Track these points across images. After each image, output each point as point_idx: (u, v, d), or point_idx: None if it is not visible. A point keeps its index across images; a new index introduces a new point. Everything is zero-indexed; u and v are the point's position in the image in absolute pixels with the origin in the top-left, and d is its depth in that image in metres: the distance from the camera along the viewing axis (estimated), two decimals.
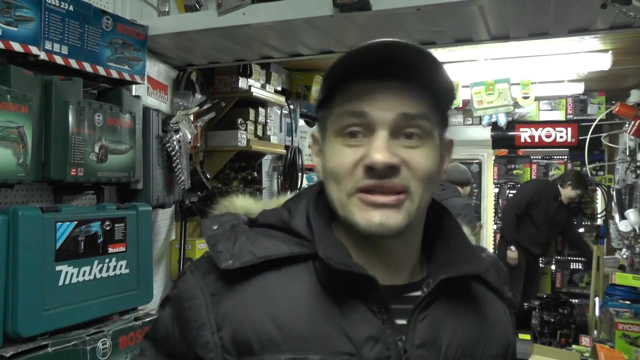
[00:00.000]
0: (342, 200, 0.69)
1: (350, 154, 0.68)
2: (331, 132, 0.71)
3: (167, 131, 2.32)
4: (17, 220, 1.50)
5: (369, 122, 0.67)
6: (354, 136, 0.68)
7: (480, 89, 3.83)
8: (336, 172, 0.69)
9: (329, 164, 0.70)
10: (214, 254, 0.69)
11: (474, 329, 0.74)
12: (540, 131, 4.90)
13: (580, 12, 1.90)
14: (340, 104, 0.70)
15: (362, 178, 0.67)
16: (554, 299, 3.75)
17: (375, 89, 0.68)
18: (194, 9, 2.15)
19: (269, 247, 0.70)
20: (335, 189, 0.70)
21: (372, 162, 0.65)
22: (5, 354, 1.43)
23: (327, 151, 0.71)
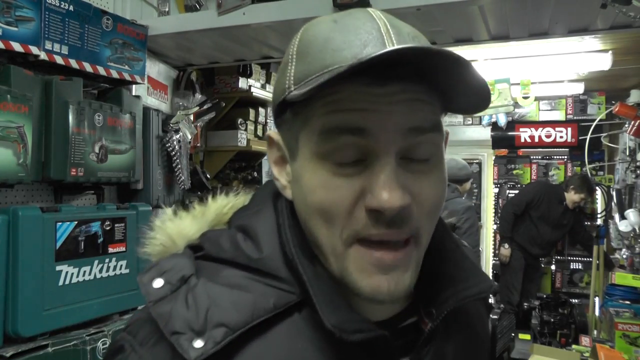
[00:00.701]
0: (336, 250, 0.52)
1: (345, 188, 0.50)
2: (309, 152, 0.52)
3: (167, 131, 2.32)
4: (17, 220, 1.50)
5: (370, 143, 0.49)
6: (346, 161, 0.50)
7: None
8: (327, 211, 0.50)
9: (314, 197, 0.51)
10: (172, 339, 0.49)
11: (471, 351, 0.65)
12: (540, 131, 4.89)
13: (580, 12, 1.90)
14: (323, 115, 0.50)
15: (366, 225, 0.50)
16: (554, 299, 3.75)
17: (375, 96, 0.49)
18: (194, 9, 2.16)
19: (242, 308, 0.51)
20: (325, 232, 0.51)
21: (382, 206, 0.48)
22: (5, 354, 1.43)
23: (306, 177, 0.52)
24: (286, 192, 0.57)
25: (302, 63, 0.52)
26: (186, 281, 0.53)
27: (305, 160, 0.52)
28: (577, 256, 4.99)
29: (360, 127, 0.49)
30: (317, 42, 0.52)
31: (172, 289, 0.52)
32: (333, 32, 0.52)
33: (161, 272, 0.54)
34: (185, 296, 0.51)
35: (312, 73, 0.50)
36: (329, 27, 0.52)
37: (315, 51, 0.51)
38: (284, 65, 0.55)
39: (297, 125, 0.53)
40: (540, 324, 3.47)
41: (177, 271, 0.54)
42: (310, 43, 0.53)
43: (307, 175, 0.52)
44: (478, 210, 5.89)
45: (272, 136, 0.59)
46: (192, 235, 0.60)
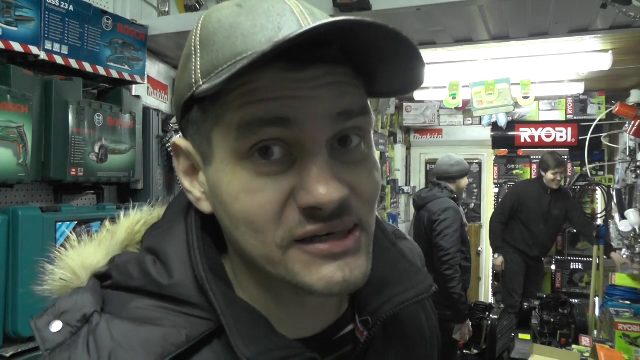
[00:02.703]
0: (272, 257, 0.46)
1: (272, 189, 0.44)
2: (225, 152, 0.46)
3: (167, 131, 2.33)
4: (17, 220, 1.50)
5: (296, 134, 0.44)
6: (270, 156, 0.44)
7: (480, 89, 3.83)
8: (253, 219, 0.45)
9: (237, 205, 0.45)
10: None
11: (415, 353, 0.61)
12: (540, 131, 4.89)
13: (580, 12, 1.90)
14: (239, 108, 0.44)
15: (300, 224, 0.44)
16: (554, 299, 3.75)
17: (296, 82, 0.43)
18: (194, 9, 2.16)
19: (151, 346, 0.45)
20: (253, 241, 0.46)
21: (318, 202, 0.43)
22: (5, 354, 1.43)
23: (225, 183, 0.46)
24: (201, 204, 0.51)
25: (208, 53, 0.45)
26: (88, 320, 0.46)
27: (221, 164, 0.46)
28: (577, 256, 4.99)
29: (283, 116, 0.43)
30: (223, 29, 0.45)
31: (73, 331, 0.46)
32: (240, 16, 0.45)
33: (59, 314, 0.47)
34: (87, 340, 0.45)
35: (223, 63, 0.44)
36: (234, 11, 0.46)
37: (222, 38, 0.45)
38: (185, 59, 0.48)
39: (207, 125, 0.47)
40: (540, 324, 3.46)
41: (78, 310, 0.47)
42: (215, 30, 0.46)
43: (225, 180, 0.46)
44: (478, 210, 5.89)
45: (177, 143, 0.51)
46: (97, 263, 0.53)
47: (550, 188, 4.26)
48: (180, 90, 0.48)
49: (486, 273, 5.74)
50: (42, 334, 0.46)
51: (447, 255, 3.10)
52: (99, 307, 0.48)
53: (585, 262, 4.90)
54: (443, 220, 3.16)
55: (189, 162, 0.51)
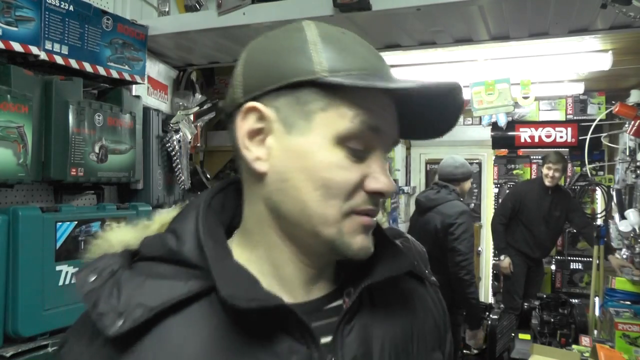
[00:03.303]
0: (331, 218, 0.59)
1: (356, 171, 0.59)
2: (332, 134, 0.58)
3: (167, 131, 2.33)
4: (17, 220, 1.50)
5: (377, 141, 0.61)
6: (358, 150, 0.59)
7: (480, 89, 3.83)
8: (333, 187, 0.58)
9: (324, 174, 0.58)
10: (96, 319, 0.56)
11: (404, 329, 0.68)
12: (540, 131, 4.89)
13: (580, 12, 1.90)
14: (360, 110, 0.58)
15: (365, 202, 0.60)
16: (554, 299, 3.75)
17: (388, 107, 0.61)
18: (194, 9, 2.16)
19: (161, 291, 0.57)
20: (324, 203, 0.58)
21: (382, 189, 0.60)
22: (5, 354, 1.43)
23: (323, 155, 0.58)
24: (258, 163, 0.61)
25: (334, 51, 0.59)
26: (114, 274, 0.60)
27: (320, 139, 0.58)
28: (577, 256, 4.99)
29: (379, 127, 0.60)
30: (348, 37, 0.61)
31: (102, 282, 0.59)
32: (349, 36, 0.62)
33: (94, 269, 0.61)
34: (112, 285, 0.58)
35: (352, 68, 0.58)
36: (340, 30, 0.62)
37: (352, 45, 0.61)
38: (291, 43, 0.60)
39: (314, 106, 0.58)
40: (540, 324, 3.46)
41: (108, 267, 0.61)
42: (338, 35, 0.61)
43: (322, 153, 0.58)
44: (478, 210, 5.89)
45: (257, 107, 0.60)
46: (130, 240, 0.66)
47: (550, 188, 4.24)
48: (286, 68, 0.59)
49: (486, 273, 5.74)
50: (80, 283, 0.60)
51: (466, 260, 3.06)
52: (125, 266, 0.61)
53: (585, 262, 4.90)
54: (461, 224, 3.11)
55: (259, 125, 0.60)
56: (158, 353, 0.56)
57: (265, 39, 0.63)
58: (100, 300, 0.57)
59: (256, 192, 0.63)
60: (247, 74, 0.61)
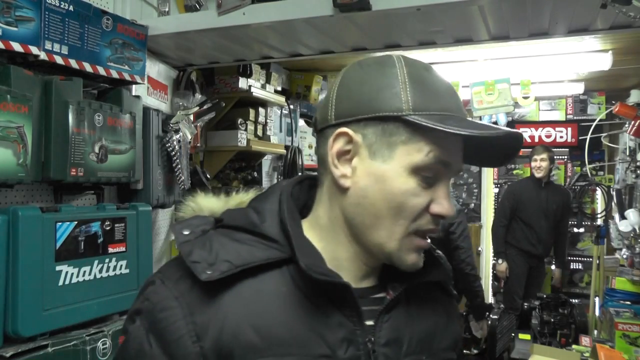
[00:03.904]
0: (396, 236, 0.71)
1: (424, 197, 0.70)
2: (406, 163, 0.69)
3: (167, 131, 2.32)
4: (17, 220, 1.50)
5: (446, 172, 0.71)
6: (429, 178, 0.70)
7: (480, 89, 3.83)
8: (405, 210, 0.70)
9: (398, 199, 0.69)
10: (191, 265, 0.67)
11: (429, 327, 0.79)
12: (540, 131, 4.90)
13: (580, 12, 1.90)
14: (434, 146, 0.69)
15: (429, 223, 0.71)
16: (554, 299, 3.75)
17: (457, 142, 0.71)
18: (194, 9, 2.15)
19: (243, 254, 0.69)
20: (390, 223, 0.70)
21: (445, 213, 0.71)
22: (5, 354, 1.43)
23: (399, 182, 0.69)
24: (343, 180, 0.72)
25: (418, 91, 0.69)
26: (206, 233, 0.73)
27: (400, 168, 0.69)
28: (577, 256, 4.99)
29: (450, 162, 0.71)
30: (430, 81, 0.72)
31: (195, 236, 0.72)
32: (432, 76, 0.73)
33: (188, 225, 0.73)
34: (204, 241, 0.70)
35: (431, 109, 0.69)
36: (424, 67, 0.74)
37: (432, 88, 0.71)
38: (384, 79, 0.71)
39: (397, 138, 0.69)
40: (540, 324, 3.46)
41: (200, 225, 0.74)
42: (424, 77, 0.72)
43: (399, 180, 0.69)
44: (478, 210, 5.89)
45: (349, 133, 0.71)
46: (216, 208, 0.79)
47: (543, 182, 4.31)
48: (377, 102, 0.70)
49: (486, 273, 5.74)
50: (177, 234, 0.72)
51: (469, 257, 3.40)
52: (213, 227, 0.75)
53: (585, 262, 4.90)
54: (460, 222, 3.47)
55: (347, 147, 0.72)
56: (235, 304, 0.67)
57: (360, 70, 0.73)
58: (194, 250, 0.69)
59: (336, 200, 0.74)
60: (341, 99, 0.72)
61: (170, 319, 0.67)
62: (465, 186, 5.95)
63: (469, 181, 5.95)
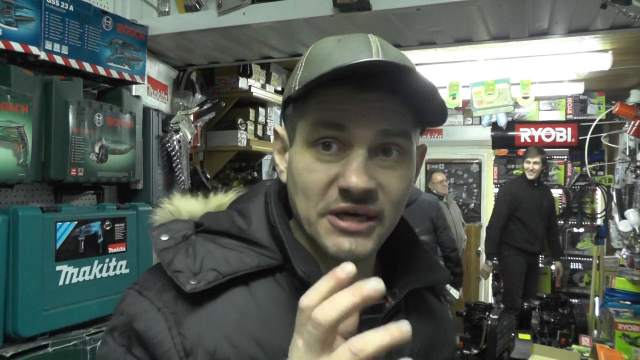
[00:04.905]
0: (311, 219, 0.64)
1: (323, 171, 0.62)
2: (301, 139, 0.64)
3: (167, 131, 2.32)
4: (17, 220, 1.50)
5: (347, 137, 0.61)
6: (328, 149, 0.62)
7: (480, 89, 3.83)
8: (306, 189, 0.63)
9: (299, 178, 0.63)
10: (173, 274, 0.61)
11: (429, 336, 0.75)
12: (540, 131, 4.89)
13: (580, 12, 1.90)
14: (315, 111, 0.62)
15: (336, 200, 0.61)
16: (554, 299, 3.75)
17: (355, 100, 0.61)
18: (194, 9, 2.16)
19: (232, 261, 0.63)
20: (304, 205, 0.64)
21: (349, 186, 0.59)
22: (5, 354, 1.43)
23: (296, 160, 0.64)
24: (282, 176, 0.70)
25: (306, 70, 0.64)
26: (187, 238, 0.66)
27: (297, 147, 0.65)
28: (577, 256, 4.99)
29: (341, 123, 0.61)
30: (320, 54, 0.64)
31: (176, 242, 0.65)
32: (334, 48, 0.63)
33: (167, 230, 0.67)
34: (187, 248, 0.64)
35: (311, 77, 0.60)
36: (333, 44, 0.65)
37: (318, 61, 0.63)
38: (294, 70, 0.68)
39: (296, 118, 0.65)
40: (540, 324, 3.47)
41: (180, 230, 0.67)
42: (316, 55, 0.65)
43: (297, 159, 0.64)
44: (478, 210, 5.89)
45: (277, 130, 0.71)
46: (195, 212, 0.72)
47: (535, 181, 4.40)
48: (285, 93, 0.68)
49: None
50: (155, 240, 0.65)
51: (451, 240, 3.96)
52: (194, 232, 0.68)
53: (585, 262, 4.90)
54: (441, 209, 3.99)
55: (281, 144, 0.70)
56: (229, 315, 0.61)
57: None
58: (176, 258, 0.62)
59: None
60: None
61: (152, 331, 0.60)
62: (465, 186, 5.95)
63: (469, 181, 5.95)
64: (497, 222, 4.47)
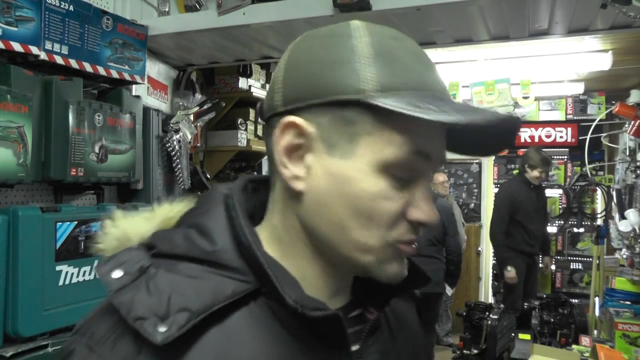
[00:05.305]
0: (373, 246, 0.55)
1: (399, 201, 0.54)
2: (373, 159, 0.53)
3: (167, 131, 2.33)
4: (17, 220, 1.50)
5: (426, 168, 0.56)
6: (404, 177, 0.55)
7: (480, 89, 3.83)
8: (377, 217, 0.54)
9: (368, 203, 0.54)
10: (136, 324, 0.49)
11: (411, 344, 0.71)
12: (540, 131, 4.89)
13: (580, 12, 1.90)
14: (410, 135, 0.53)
15: (407, 232, 0.56)
16: (554, 299, 3.75)
17: (438, 131, 0.56)
18: (194, 9, 2.16)
19: (203, 293, 0.52)
20: (364, 231, 0.55)
21: (426, 220, 0.55)
22: (5, 354, 1.43)
23: (366, 183, 0.54)
24: (296, 182, 0.56)
25: (384, 66, 0.53)
26: (145, 271, 0.53)
27: (361, 164, 0.53)
28: (577, 256, 4.99)
29: (429, 154, 0.55)
30: (406, 50, 0.55)
31: (132, 278, 0.53)
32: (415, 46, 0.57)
33: (119, 264, 0.54)
34: (147, 284, 0.52)
35: (404, 87, 0.53)
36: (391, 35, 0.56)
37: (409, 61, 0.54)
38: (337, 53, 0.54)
39: (359, 128, 0.53)
40: (540, 324, 3.46)
41: (135, 262, 0.54)
42: (395, 47, 0.54)
43: (366, 181, 0.53)
44: (478, 210, 5.90)
45: (298, 122, 0.54)
46: (145, 233, 0.60)
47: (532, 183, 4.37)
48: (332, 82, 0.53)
49: (486, 273, 5.74)
50: (106, 279, 0.53)
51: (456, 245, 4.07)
52: (152, 263, 0.55)
53: (585, 262, 4.90)
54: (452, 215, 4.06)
55: (297, 141, 0.55)
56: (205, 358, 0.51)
57: (310, 41, 0.57)
58: (136, 301, 0.50)
59: (290, 207, 0.58)
60: (289, 81, 0.56)
61: None
62: (465, 186, 5.95)
63: (469, 181, 5.95)
64: (498, 229, 4.42)
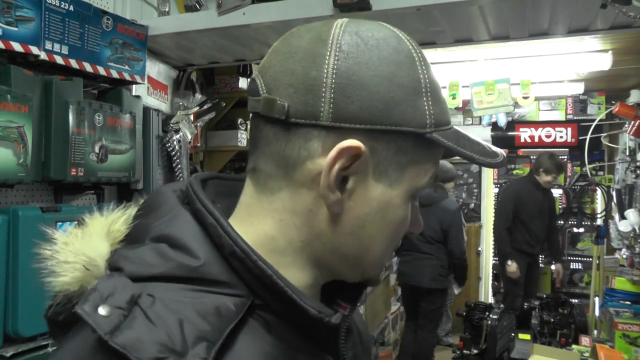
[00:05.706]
0: (384, 258, 0.59)
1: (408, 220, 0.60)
2: (409, 186, 0.55)
3: (167, 131, 2.33)
4: (17, 220, 1.50)
5: None
6: None
7: (480, 89, 3.83)
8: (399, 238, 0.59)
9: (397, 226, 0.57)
10: None
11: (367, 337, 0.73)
12: (540, 131, 4.89)
13: (580, 12, 1.90)
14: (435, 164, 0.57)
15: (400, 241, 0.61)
16: (554, 299, 3.75)
17: None
18: (194, 9, 2.16)
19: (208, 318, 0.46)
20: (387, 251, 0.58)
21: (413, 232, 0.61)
22: (5, 354, 1.43)
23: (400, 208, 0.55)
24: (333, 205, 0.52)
25: (437, 104, 0.54)
26: (136, 302, 0.45)
27: (402, 192, 0.55)
28: (577, 256, 4.99)
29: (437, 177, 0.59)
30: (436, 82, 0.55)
31: (125, 313, 0.44)
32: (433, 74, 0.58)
33: (103, 298, 0.44)
34: (146, 317, 0.44)
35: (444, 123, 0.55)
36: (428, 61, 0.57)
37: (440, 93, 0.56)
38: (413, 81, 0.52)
39: (412, 157, 0.54)
40: (540, 324, 3.47)
41: (122, 293, 0.45)
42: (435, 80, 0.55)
43: (402, 207, 0.56)
44: (478, 210, 5.90)
45: (359, 147, 0.50)
46: (105, 253, 0.52)
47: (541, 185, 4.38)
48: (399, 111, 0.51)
49: (486, 273, 5.74)
50: (94, 319, 0.43)
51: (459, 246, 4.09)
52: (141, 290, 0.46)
53: (585, 262, 4.90)
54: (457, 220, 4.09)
55: (347, 164, 0.51)
56: None
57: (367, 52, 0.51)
58: (144, 339, 0.42)
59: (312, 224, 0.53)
60: (349, 93, 0.50)
61: None
62: (465, 186, 5.96)
63: (469, 181, 5.95)
64: (502, 224, 4.45)
